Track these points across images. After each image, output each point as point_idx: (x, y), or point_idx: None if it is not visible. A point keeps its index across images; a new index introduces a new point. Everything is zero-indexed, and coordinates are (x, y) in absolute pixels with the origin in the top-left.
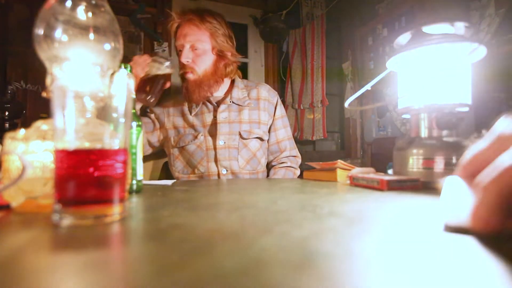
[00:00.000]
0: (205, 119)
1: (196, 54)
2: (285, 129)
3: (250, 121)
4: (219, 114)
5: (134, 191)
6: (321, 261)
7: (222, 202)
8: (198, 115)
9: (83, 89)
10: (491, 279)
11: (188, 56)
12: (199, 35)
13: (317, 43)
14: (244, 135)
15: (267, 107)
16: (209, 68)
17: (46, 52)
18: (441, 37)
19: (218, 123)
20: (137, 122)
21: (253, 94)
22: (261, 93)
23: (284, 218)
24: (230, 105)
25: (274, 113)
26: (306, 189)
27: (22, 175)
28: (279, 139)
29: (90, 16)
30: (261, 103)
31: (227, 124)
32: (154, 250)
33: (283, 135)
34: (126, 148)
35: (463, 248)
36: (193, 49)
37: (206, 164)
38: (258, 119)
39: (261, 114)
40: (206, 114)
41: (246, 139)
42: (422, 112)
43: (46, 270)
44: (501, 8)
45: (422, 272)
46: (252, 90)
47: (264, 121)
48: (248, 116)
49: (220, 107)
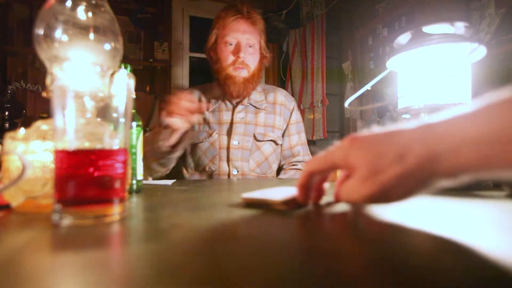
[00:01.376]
0: (222, 117)
1: (250, 52)
2: (298, 135)
3: (265, 124)
4: (236, 114)
5: (134, 191)
6: (321, 261)
7: (222, 202)
8: (215, 112)
9: (83, 89)
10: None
11: (246, 52)
12: (255, 33)
13: (317, 43)
14: (259, 137)
15: (283, 112)
16: (256, 68)
17: (46, 52)
18: (441, 37)
19: (234, 123)
20: (137, 122)
21: (270, 98)
22: (278, 97)
23: (284, 218)
24: (247, 106)
25: (289, 118)
26: None
27: (22, 175)
28: (292, 145)
29: (90, 16)
30: (277, 108)
31: (242, 125)
32: (154, 250)
33: (296, 141)
34: (126, 148)
35: (464, 249)
36: (248, 46)
37: (218, 163)
38: (273, 123)
39: (277, 119)
40: (224, 112)
41: (260, 141)
42: (422, 112)
43: (46, 270)
44: (501, 8)
45: (422, 272)
46: (269, 94)
47: (278, 126)
48: (264, 119)
49: (237, 107)
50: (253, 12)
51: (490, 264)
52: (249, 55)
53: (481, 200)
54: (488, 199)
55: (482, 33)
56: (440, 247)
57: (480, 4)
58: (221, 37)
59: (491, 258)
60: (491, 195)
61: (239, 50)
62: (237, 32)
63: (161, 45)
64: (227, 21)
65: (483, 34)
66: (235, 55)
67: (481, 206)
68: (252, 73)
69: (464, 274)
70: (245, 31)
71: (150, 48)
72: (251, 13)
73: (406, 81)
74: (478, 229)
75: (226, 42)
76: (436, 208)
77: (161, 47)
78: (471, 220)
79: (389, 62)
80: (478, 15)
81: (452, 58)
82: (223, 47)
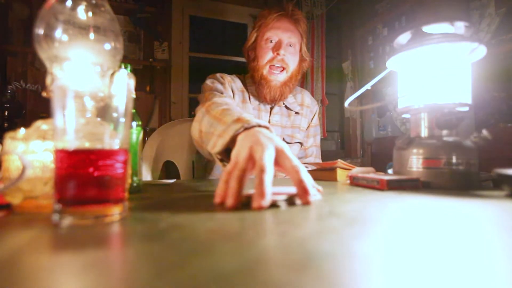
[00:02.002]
0: (261, 116)
1: (290, 51)
2: (314, 138)
3: (293, 126)
4: (272, 116)
5: (134, 191)
6: (321, 261)
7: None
8: (254, 109)
9: (83, 89)
10: (502, 279)
11: (287, 50)
12: (296, 33)
13: (317, 42)
14: (287, 139)
15: (308, 114)
16: (295, 70)
17: (46, 52)
18: (441, 37)
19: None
20: (137, 122)
21: (298, 99)
22: (305, 99)
23: (284, 218)
24: (281, 108)
25: (311, 121)
26: None
27: (22, 175)
28: (307, 146)
29: (90, 16)
30: (304, 110)
31: (279, 128)
32: (154, 250)
33: (311, 143)
34: (126, 148)
35: (464, 249)
36: (289, 45)
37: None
38: (300, 124)
39: (302, 120)
40: (263, 112)
41: (289, 144)
42: (422, 111)
43: (46, 270)
44: (501, 7)
45: (422, 272)
46: (297, 95)
47: (303, 128)
48: (292, 121)
49: (274, 109)
50: (298, 12)
51: (490, 264)
52: (290, 54)
53: (481, 200)
54: (488, 199)
55: (482, 32)
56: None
57: (480, 4)
58: (261, 35)
59: (490, 258)
60: (491, 195)
61: (279, 47)
62: (279, 29)
63: (161, 44)
64: (269, 19)
65: (483, 33)
66: (274, 52)
67: (481, 206)
68: (291, 75)
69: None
70: (287, 29)
71: (150, 48)
72: (295, 11)
73: (406, 81)
74: (478, 229)
75: (267, 39)
76: (436, 208)
77: (161, 47)
78: (471, 220)
79: (389, 61)
80: (478, 14)
81: (452, 57)
82: (263, 44)
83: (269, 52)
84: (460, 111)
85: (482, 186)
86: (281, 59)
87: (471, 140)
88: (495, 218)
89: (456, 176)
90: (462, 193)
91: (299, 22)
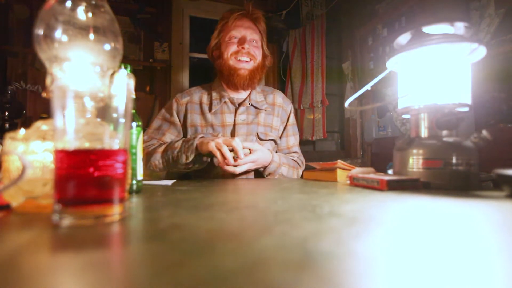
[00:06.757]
0: (225, 119)
1: (254, 45)
2: (294, 136)
3: (265, 124)
4: (238, 116)
5: (134, 191)
6: (321, 261)
7: (222, 202)
8: (217, 114)
9: (83, 89)
10: (497, 280)
11: (251, 44)
12: (257, 31)
13: (317, 43)
14: (261, 136)
15: (281, 114)
16: (260, 62)
17: (46, 52)
18: (441, 37)
19: (236, 125)
20: (137, 122)
21: (269, 99)
22: (276, 99)
23: (284, 218)
24: (248, 107)
25: (287, 120)
26: (306, 189)
27: (22, 175)
28: (290, 145)
29: (90, 16)
30: (275, 109)
31: (245, 126)
32: (154, 250)
33: (293, 142)
34: (126, 148)
35: (464, 249)
36: (252, 40)
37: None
38: (272, 123)
39: (274, 120)
40: (227, 114)
41: (263, 140)
42: (422, 112)
43: (46, 270)
44: (501, 8)
45: (422, 272)
46: (268, 96)
47: (276, 127)
48: (264, 119)
49: (239, 109)
50: (257, 11)
51: (489, 264)
52: (254, 47)
53: (481, 201)
54: (488, 199)
55: (482, 33)
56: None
57: (480, 4)
58: (225, 34)
59: (490, 259)
60: (491, 195)
61: (244, 41)
62: (241, 27)
63: (161, 45)
64: (231, 19)
65: (483, 34)
66: (239, 46)
67: (481, 207)
68: (257, 65)
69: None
70: (249, 27)
71: (150, 48)
72: (255, 11)
73: (406, 81)
74: (478, 230)
75: (231, 36)
76: (436, 208)
77: (161, 47)
78: (471, 220)
79: (389, 62)
80: (478, 15)
81: (452, 58)
82: (227, 40)
83: (234, 46)
84: (460, 111)
85: (482, 187)
86: (247, 52)
87: (471, 140)
88: (495, 218)
89: (456, 177)
90: (462, 193)
91: (259, 21)
